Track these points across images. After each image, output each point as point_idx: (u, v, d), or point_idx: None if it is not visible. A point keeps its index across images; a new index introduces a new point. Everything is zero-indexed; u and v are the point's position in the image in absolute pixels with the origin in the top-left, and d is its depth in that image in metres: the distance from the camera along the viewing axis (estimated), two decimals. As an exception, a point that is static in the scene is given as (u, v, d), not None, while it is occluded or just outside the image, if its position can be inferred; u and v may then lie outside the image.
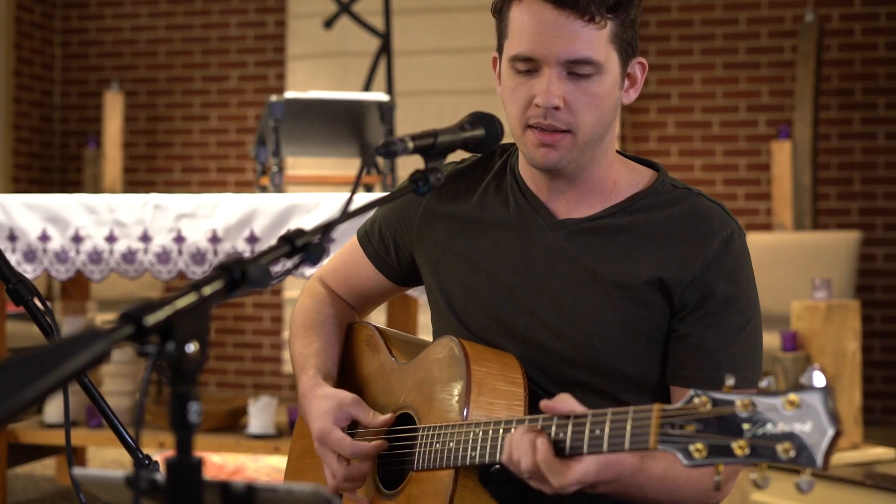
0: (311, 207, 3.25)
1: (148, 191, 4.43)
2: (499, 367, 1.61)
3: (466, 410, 1.55)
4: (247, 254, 3.18)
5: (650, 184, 1.68)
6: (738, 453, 1.17)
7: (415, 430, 1.63)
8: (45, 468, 4.72)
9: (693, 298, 1.59)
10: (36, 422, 4.00)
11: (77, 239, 3.39)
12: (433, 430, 1.58)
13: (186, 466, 1.01)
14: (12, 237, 3.40)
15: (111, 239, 3.38)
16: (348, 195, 1.33)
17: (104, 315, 5.55)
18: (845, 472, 3.74)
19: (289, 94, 3.75)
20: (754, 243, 5.74)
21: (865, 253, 6.02)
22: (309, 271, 3.16)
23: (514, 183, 1.72)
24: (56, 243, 3.39)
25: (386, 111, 3.79)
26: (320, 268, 1.98)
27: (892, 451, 3.95)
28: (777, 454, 1.15)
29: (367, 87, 5.29)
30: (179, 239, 3.34)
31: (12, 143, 7.03)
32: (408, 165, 3.37)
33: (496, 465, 1.50)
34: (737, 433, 1.18)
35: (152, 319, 1.00)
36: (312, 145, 4.19)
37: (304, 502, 1.05)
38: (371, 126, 3.90)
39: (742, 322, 1.61)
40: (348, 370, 1.86)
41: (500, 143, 1.73)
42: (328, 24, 5.37)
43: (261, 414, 3.79)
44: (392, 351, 1.80)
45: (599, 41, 1.56)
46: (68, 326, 4.14)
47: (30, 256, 3.40)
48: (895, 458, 3.94)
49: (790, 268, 5.46)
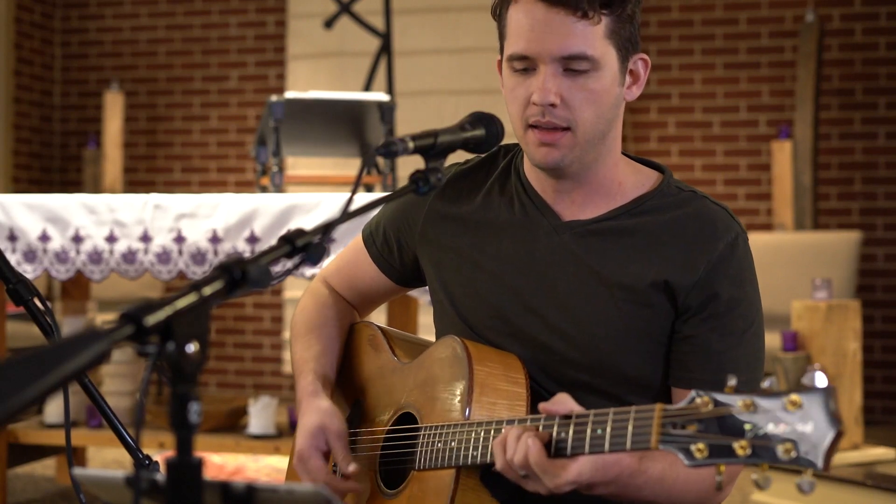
0: (311, 207, 3.25)
1: (148, 191, 4.43)
2: (501, 367, 1.61)
3: (468, 410, 1.55)
4: (247, 254, 3.18)
5: (655, 186, 1.68)
6: (740, 453, 1.17)
7: (416, 430, 1.63)
8: (45, 468, 4.71)
9: (697, 301, 1.60)
10: (36, 422, 4.00)
11: (77, 239, 3.38)
12: (435, 430, 1.58)
13: (186, 466, 1.01)
14: (12, 237, 3.40)
15: (111, 239, 3.37)
16: (348, 195, 1.33)
17: (104, 315, 5.55)
18: (846, 472, 3.74)
19: (289, 94, 3.75)
20: (755, 243, 5.69)
21: (866, 253, 6.02)
22: (309, 271, 3.16)
23: (519, 184, 1.72)
24: (56, 243, 3.39)
25: (386, 111, 3.79)
26: (324, 267, 1.98)
27: (893, 452, 3.95)
28: (778, 455, 1.15)
29: (368, 87, 5.29)
30: (179, 239, 3.34)
31: (12, 143, 7.03)
32: (408, 165, 3.37)
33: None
34: (738, 433, 1.18)
35: (152, 319, 1.00)
36: (312, 145, 4.19)
37: (305, 502, 1.05)
38: (371, 126, 3.90)
39: (745, 325, 1.61)
40: (350, 370, 1.86)
41: (504, 144, 1.73)
42: (328, 24, 5.36)
43: (261, 414, 3.79)
44: (394, 350, 1.80)
45: (594, 37, 1.56)
46: (68, 326, 4.13)
47: (30, 256, 3.40)
48: (895, 459, 3.94)
49: (791, 268, 5.46)
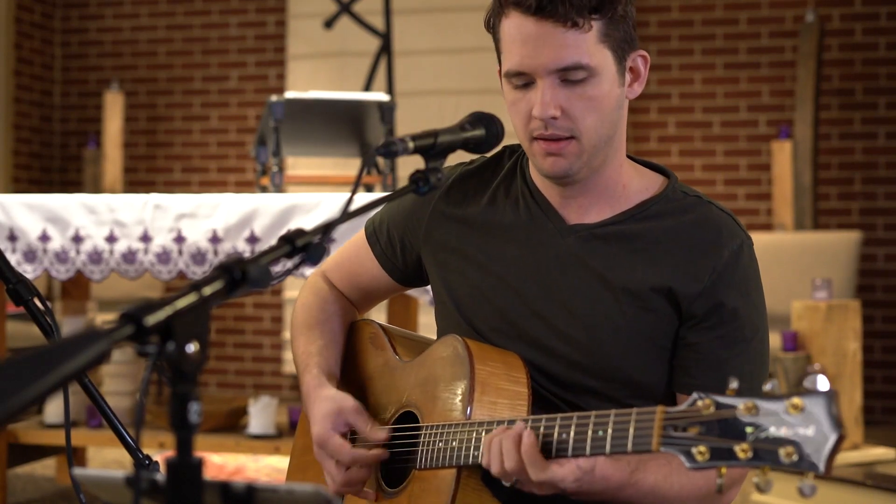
0: (311, 207, 3.25)
1: (148, 191, 4.43)
2: (503, 367, 1.60)
3: (470, 409, 1.55)
4: (247, 254, 3.18)
5: (661, 190, 1.67)
6: (741, 456, 1.17)
7: (418, 429, 1.63)
8: (45, 468, 4.71)
9: (702, 309, 1.59)
10: (36, 422, 4.00)
11: (77, 239, 3.38)
12: (436, 429, 1.58)
13: (186, 466, 1.01)
14: (12, 237, 3.40)
15: (111, 239, 3.37)
16: (348, 195, 1.33)
17: (104, 315, 5.55)
18: (846, 472, 3.74)
19: (289, 94, 3.75)
20: (755, 244, 5.72)
21: (866, 253, 6.02)
22: (309, 271, 3.16)
23: (525, 186, 1.71)
24: (56, 243, 3.39)
25: (386, 111, 3.79)
26: (323, 261, 1.97)
27: (893, 452, 3.95)
28: (780, 458, 1.15)
29: (368, 87, 5.29)
30: (179, 239, 3.34)
31: (12, 143, 7.03)
32: (408, 165, 3.37)
33: None
34: (740, 436, 1.18)
35: (152, 319, 1.00)
36: (312, 145, 4.19)
37: (305, 503, 1.05)
38: (371, 126, 3.90)
39: (751, 333, 1.61)
40: (351, 368, 1.85)
41: (509, 144, 1.73)
42: (328, 24, 5.36)
43: (261, 414, 3.79)
44: (396, 349, 1.79)
45: (587, 44, 1.55)
46: (68, 326, 4.13)
47: (30, 256, 3.40)
48: (895, 459, 3.94)
49: (791, 268, 5.46)
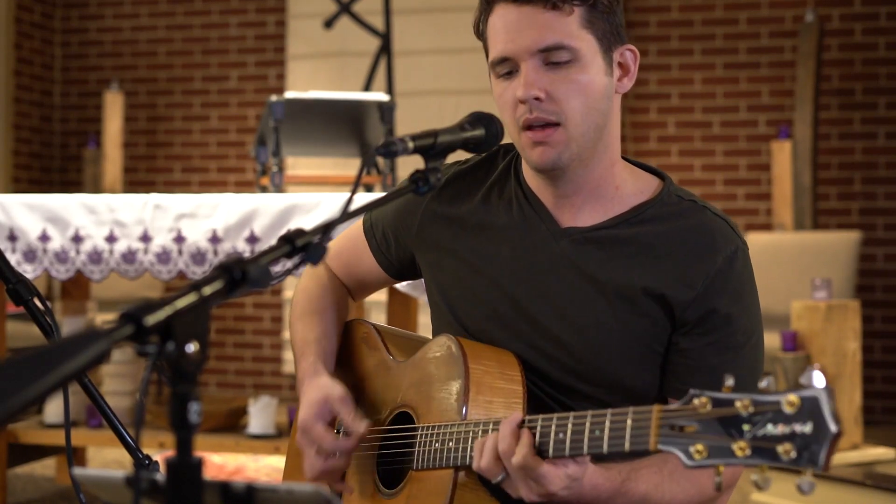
0: (311, 207, 3.25)
1: (148, 191, 4.43)
2: (497, 365, 1.60)
3: (465, 409, 1.55)
4: (247, 254, 3.18)
5: (656, 194, 1.65)
6: (739, 454, 1.17)
7: (414, 430, 1.63)
8: (45, 468, 4.71)
9: (695, 316, 1.58)
10: (36, 422, 4.00)
11: (77, 239, 3.38)
12: (432, 430, 1.58)
13: (186, 466, 1.01)
14: (12, 237, 3.40)
15: (111, 239, 3.37)
16: (348, 195, 1.33)
17: (104, 315, 5.55)
18: (845, 472, 3.74)
19: (289, 94, 3.75)
20: (755, 243, 5.72)
21: (866, 253, 6.02)
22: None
23: (518, 187, 1.70)
24: (56, 243, 3.39)
25: (386, 111, 3.79)
26: None
27: (892, 451, 3.95)
28: (778, 455, 1.15)
29: (367, 87, 5.29)
30: (179, 239, 3.34)
31: (12, 143, 7.03)
32: (408, 165, 3.37)
33: None
34: (737, 434, 1.18)
35: (152, 319, 1.00)
36: (312, 145, 4.19)
37: (305, 502, 1.05)
38: (371, 126, 3.90)
39: (744, 339, 1.60)
40: (345, 368, 1.85)
41: (504, 144, 1.72)
42: (328, 24, 5.36)
43: (261, 414, 3.78)
44: (389, 349, 1.79)
45: (569, 27, 1.55)
46: (68, 326, 4.13)
47: (30, 256, 3.40)
48: (895, 459, 3.94)
49: (790, 268, 5.46)
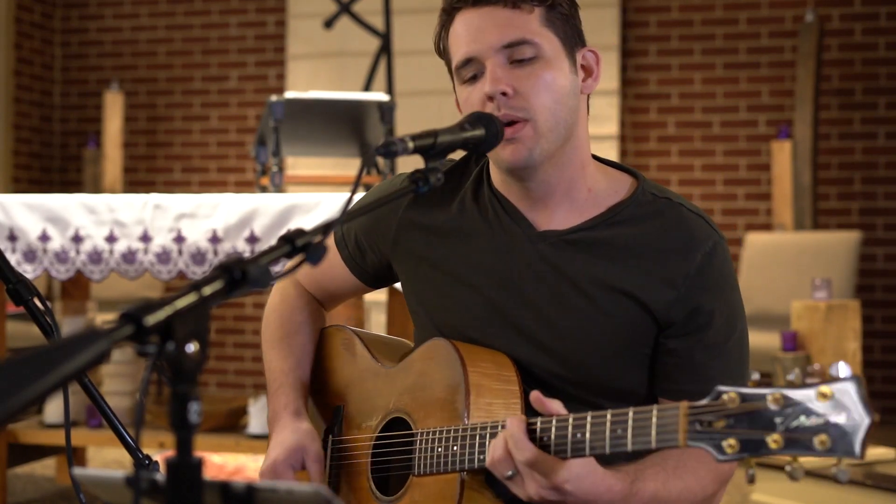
0: (311, 207, 3.25)
1: (148, 191, 4.43)
2: (493, 367, 1.59)
3: (467, 412, 1.54)
4: (247, 254, 3.18)
5: (630, 193, 1.64)
6: (773, 446, 1.18)
7: (412, 435, 1.61)
8: (45, 468, 4.71)
9: (678, 316, 1.58)
10: (36, 422, 4.00)
11: (77, 239, 3.38)
12: (433, 435, 1.56)
13: (186, 466, 1.01)
14: (12, 237, 3.40)
15: (111, 239, 3.38)
16: (348, 195, 1.33)
17: (104, 315, 5.55)
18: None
19: (289, 94, 3.75)
20: (755, 244, 5.73)
21: (866, 253, 6.02)
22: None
23: (491, 193, 1.68)
24: (56, 243, 3.39)
25: (386, 111, 3.79)
26: None
27: (892, 451, 3.94)
28: (814, 446, 1.16)
29: (367, 87, 5.29)
30: (179, 239, 3.34)
31: (12, 143, 7.03)
32: (408, 165, 3.37)
33: None
34: (769, 427, 1.19)
35: (152, 319, 1.00)
36: (312, 145, 4.19)
37: (305, 502, 1.05)
38: (371, 126, 3.90)
39: (729, 333, 1.60)
40: (327, 376, 1.83)
41: None
42: (328, 24, 5.36)
43: (261, 414, 3.78)
44: (374, 354, 1.77)
45: (531, 24, 1.56)
46: (68, 326, 4.13)
47: (30, 256, 3.40)
48: (895, 459, 3.94)
49: (790, 268, 5.46)
